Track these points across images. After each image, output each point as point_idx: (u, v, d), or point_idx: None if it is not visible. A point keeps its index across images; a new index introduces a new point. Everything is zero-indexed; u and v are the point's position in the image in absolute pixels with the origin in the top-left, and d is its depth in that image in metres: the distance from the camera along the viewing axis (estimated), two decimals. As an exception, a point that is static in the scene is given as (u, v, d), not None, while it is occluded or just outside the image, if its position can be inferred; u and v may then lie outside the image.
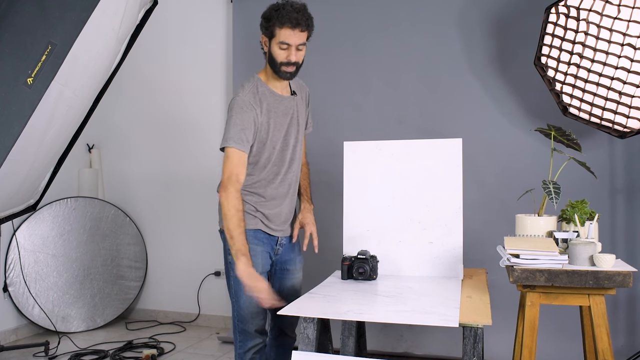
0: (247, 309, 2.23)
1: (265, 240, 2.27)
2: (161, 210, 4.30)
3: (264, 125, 2.19)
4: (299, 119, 2.33)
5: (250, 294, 2.07)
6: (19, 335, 3.80)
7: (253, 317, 2.24)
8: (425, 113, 3.49)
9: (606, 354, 1.92)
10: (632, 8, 2.53)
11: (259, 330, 2.26)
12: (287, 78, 2.20)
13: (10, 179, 2.58)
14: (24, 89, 2.12)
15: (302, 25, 2.10)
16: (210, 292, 4.15)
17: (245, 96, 2.17)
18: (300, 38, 2.12)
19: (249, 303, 2.22)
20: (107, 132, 4.40)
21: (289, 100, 2.30)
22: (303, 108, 2.38)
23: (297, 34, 2.11)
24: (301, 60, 2.18)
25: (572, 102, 2.81)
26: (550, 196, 2.12)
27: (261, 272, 2.26)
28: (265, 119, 2.19)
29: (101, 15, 2.33)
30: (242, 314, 2.24)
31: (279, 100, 2.25)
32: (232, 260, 2.23)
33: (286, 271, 2.37)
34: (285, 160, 2.28)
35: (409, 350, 3.37)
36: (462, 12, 3.44)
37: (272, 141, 2.22)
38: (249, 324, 2.24)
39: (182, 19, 4.20)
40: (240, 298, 2.24)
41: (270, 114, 2.21)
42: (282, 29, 2.10)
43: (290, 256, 2.38)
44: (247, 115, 2.14)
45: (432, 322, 1.67)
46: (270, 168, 2.25)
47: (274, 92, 2.24)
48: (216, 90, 4.11)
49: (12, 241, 3.75)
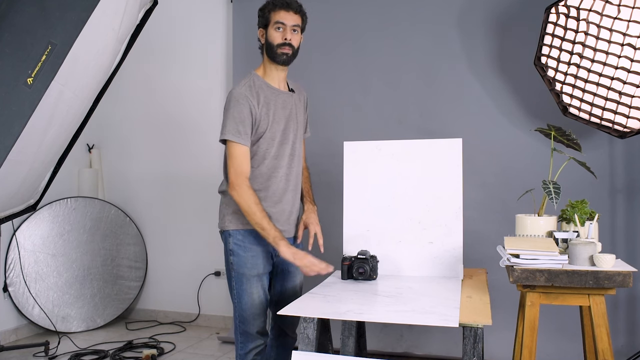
0: (249, 310, 2.23)
1: (265, 241, 2.25)
2: (161, 210, 4.30)
3: (262, 117, 2.20)
4: (297, 116, 2.34)
5: (307, 272, 2.13)
6: (19, 335, 3.80)
7: (254, 318, 2.24)
8: (425, 113, 3.48)
9: (606, 354, 1.92)
10: (632, 8, 2.53)
11: (260, 331, 2.26)
12: (284, 61, 2.22)
13: (10, 179, 2.58)
14: (24, 89, 2.12)
15: (294, 7, 2.21)
16: (210, 292, 4.15)
17: (240, 89, 2.19)
18: (293, 20, 2.21)
19: (251, 304, 2.23)
20: (107, 132, 4.40)
21: (287, 95, 2.31)
22: (302, 110, 2.39)
23: (291, 15, 2.20)
24: (297, 44, 2.24)
25: (572, 102, 2.81)
26: (550, 196, 2.12)
27: (262, 272, 2.26)
28: (264, 110, 2.21)
29: (101, 15, 2.33)
30: (244, 315, 2.24)
31: (276, 93, 2.27)
32: (233, 261, 2.25)
33: (287, 272, 2.37)
34: (284, 154, 2.28)
35: (409, 350, 3.37)
36: (462, 12, 3.44)
37: (271, 132, 2.23)
38: (251, 325, 2.24)
39: (182, 19, 4.20)
40: (242, 299, 2.24)
41: (268, 105, 2.22)
42: (276, 12, 2.20)
43: None
44: (244, 107, 2.16)
45: (432, 322, 1.67)
46: (270, 161, 2.24)
47: (271, 86, 2.26)
48: (216, 90, 4.11)
49: (12, 241, 3.75)
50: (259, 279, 2.25)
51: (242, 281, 2.23)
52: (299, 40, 2.24)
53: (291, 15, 2.20)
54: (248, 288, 2.23)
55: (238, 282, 2.24)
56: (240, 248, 2.24)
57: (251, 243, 2.24)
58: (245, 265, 2.23)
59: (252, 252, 2.24)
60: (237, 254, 2.24)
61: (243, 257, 2.23)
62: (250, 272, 2.23)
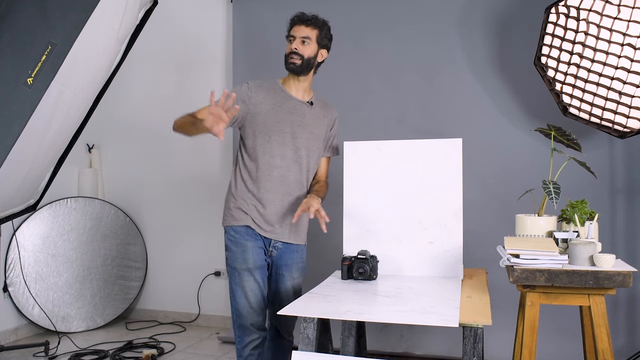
0: (242, 304, 2.30)
1: (256, 237, 2.33)
2: (161, 210, 4.30)
3: (257, 108, 2.29)
4: (311, 128, 2.38)
5: (211, 125, 1.99)
6: (19, 335, 3.80)
7: (248, 312, 2.29)
8: (425, 113, 3.48)
9: (606, 354, 1.92)
10: (632, 8, 2.53)
11: (255, 325, 2.31)
12: (292, 70, 2.32)
13: (10, 179, 2.58)
14: (24, 89, 2.12)
15: (305, 21, 2.32)
16: (210, 292, 4.15)
17: (248, 82, 2.34)
18: (304, 32, 2.31)
19: (244, 298, 2.29)
20: (107, 132, 4.40)
21: (301, 104, 2.37)
22: (322, 126, 2.43)
23: (302, 28, 2.32)
24: (306, 54, 2.32)
25: (572, 102, 2.81)
26: (550, 196, 2.12)
27: (253, 266, 2.31)
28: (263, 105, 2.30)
29: (101, 15, 2.33)
30: (238, 308, 2.31)
31: (287, 98, 2.35)
32: (227, 256, 2.34)
33: (281, 276, 2.41)
34: (284, 156, 2.32)
35: (409, 350, 3.37)
36: (462, 12, 3.44)
37: (267, 127, 2.30)
38: (245, 318, 2.30)
39: (182, 19, 4.20)
40: (236, 293, 2.31)
41: (268, 102, 2.31)
42: (292, 27, 2.35)
43: (287, 262, 2.40)
44: (238, 91, 2.27)
45: (432, 322, 1.66)
46: (264, 157, 2.31)
47: (285, 91, 2.36)
48: (216, 90, 4.08)
49: (12, 241, 3.75)
50: (249, 273, 2.30)
51: (235, 275, 2.31)
52: (310, 51, 2.32)
53: (302, 29, 2.31)
54: (240, 282, 2.30)
55: (232, 277, 2.33)
56: (233, 243, 2.32)
57: (243, 239, 2.31)
58: (237, 260, 2.31)
59: (242, 247, 2.31)
60: (230, 249, 2.33)
61: (235, 252, 2.32)
62: (241, 266, 2.30)
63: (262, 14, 3.79)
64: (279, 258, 2.38)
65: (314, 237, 2.51)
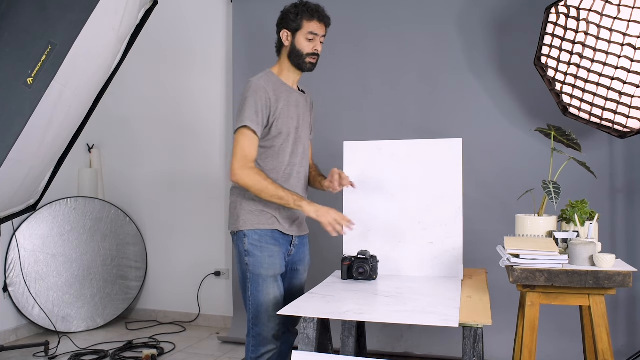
0: (265, 312, 2.17)
1: (281, 241, 2.26)
2: (161, 210, 4.29)
3: (277, 111, 2.22)
4: (305, 117, 2.37)
5: (331, 231, 2.12)
6: (19, 335, 3.80)
7: (270, 320, 2.18)
8: (425, 113, 3.48)
9: (606, 354, 1.92)
10: (632, 8, 2.53)
11: (275, 334, 2.20)
12: (310, 69, 2.29)
13: (10, 178, 2.58)
14: (24, 88, 2.12)
15: (327, 20, 2.28)
16: (210, 292, 4.15)
17: (258, 80, 2.23)
18: (324, 31, 2.28)
19: (267, 306, 2.18)
20: (107, 132, 4.40)
21: (299, 95, 2.35)
22: (308, 111, 2.41)
23: (323, 27, 2.27)
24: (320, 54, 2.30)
25: (572, 102, 2.81)
26: (550, 196, 2.12)
27: (278, 273, 2.24)
28: (279, 105, 2.23)
29: (101, 15, 2.33)
30: (259, 317, 2.18)
31: (289, 91, 2.30)
32: (249, 262, 2.20)
33: (296, 271, 2.38)
34: (298, 152, 2.30)
35: (409, 350, 3.37)
36: (462, 12, 3.44)
37: (287, 127, 2.25)
38: (265, 327, 2.18)
39: (182, 18, 4.20)
40: (258, 300, 2.18)
41: (281, 101, 2.24)
42: (312, 22, 2.23)
43: (301, 256, 2.39)
44: (261, 97, 2.18)
45: (432, 322, 1.66)
46: (284, 157, 2.25)
47: (285, 84, 2.30)
48: (216, 89, 4.11)
49: (12, 241, 3.75)
50: (275, 279, 2.21)
51: (259, 282, 2.18)
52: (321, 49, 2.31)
53: (322, 27, 2.27)
54: (264, 289, 2.18)
55: (254, 283, 2.19)
56: (257, 248, 2.20)
57: (268, 243, 2.21)
58: (262, 265, 2.19)
59: (269, 252, 2.21)
60: (254, 255, 2.20)
61: (260, 257, 2.19)
62: (267, 272, 2.19)
63: (262, 14, 3.79)
64: (296, 254, 2.35)
65: (314, 237, 2.51)
